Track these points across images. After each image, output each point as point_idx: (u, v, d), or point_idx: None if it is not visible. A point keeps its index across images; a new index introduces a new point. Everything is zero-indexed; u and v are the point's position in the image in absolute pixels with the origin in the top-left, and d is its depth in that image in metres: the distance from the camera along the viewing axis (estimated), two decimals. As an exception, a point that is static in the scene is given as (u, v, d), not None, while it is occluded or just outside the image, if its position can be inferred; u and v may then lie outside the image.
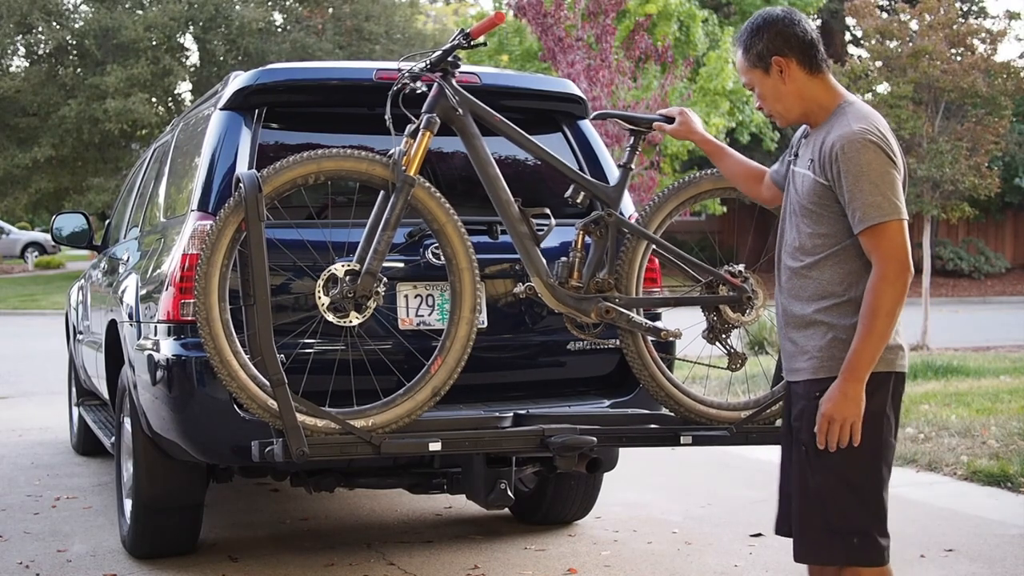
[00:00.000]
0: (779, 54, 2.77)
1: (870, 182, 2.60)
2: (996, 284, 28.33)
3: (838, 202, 2.67)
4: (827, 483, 2.71)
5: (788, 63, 2.76)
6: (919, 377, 9.80)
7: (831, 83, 2.80)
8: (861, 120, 2.67)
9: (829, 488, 2.71)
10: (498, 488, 3.73)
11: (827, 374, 2.69)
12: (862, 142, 2.61)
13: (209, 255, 3.17)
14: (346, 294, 3.25)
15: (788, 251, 2.81)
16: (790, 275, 2.80)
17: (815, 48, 2.78)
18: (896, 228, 2.60)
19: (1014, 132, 24.09)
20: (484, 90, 3.90)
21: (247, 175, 3.20)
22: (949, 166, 13.63)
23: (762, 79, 2.81)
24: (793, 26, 2.78)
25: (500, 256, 3.95)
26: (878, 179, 2.60)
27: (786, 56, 2.76)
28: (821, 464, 2.71)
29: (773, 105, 2.83)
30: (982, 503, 5.37)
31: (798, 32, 2.77)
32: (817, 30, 2.83)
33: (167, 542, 4.43)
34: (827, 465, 2.70)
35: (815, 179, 2.70)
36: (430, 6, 36.75)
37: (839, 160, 2.63)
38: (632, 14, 17.54)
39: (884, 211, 2.59)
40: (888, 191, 2.60)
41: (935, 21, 14.02)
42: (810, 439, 2.71)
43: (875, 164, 2.61)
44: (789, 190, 2.84)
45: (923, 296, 14.69)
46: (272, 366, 3.14)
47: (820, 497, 2.72)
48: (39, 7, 26.65)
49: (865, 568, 2.75)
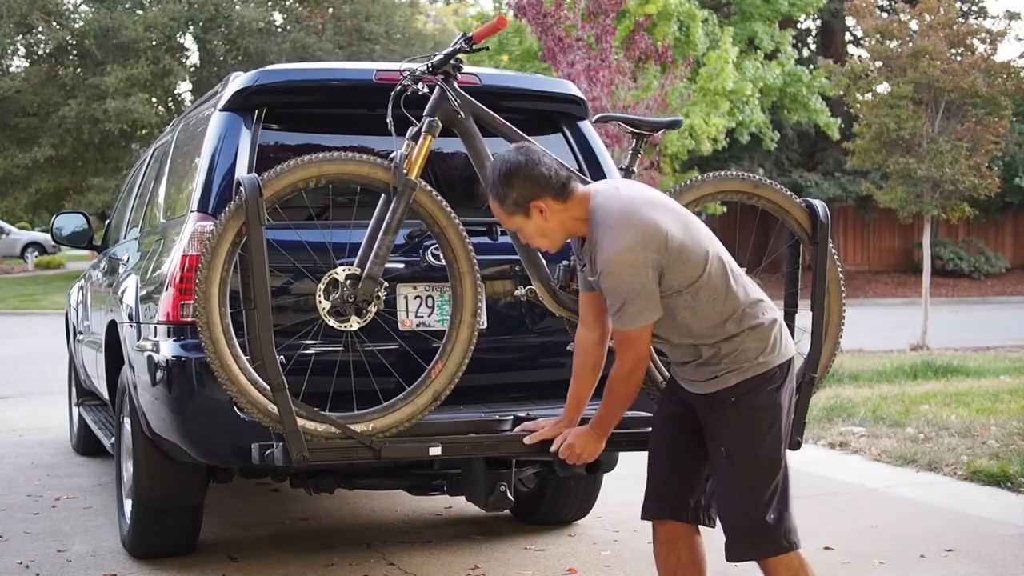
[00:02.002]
0: (534, 198, 2.95)
1: (621, 297, 2.87)
2: (996, 284, 28.34)
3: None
4: (746, 479, 2.95)
5: (545, 203, 2.95)
6: (919, 377, 9.81)
7: (580, 192, 2.99)
8: (611, 240, 2.85)
9: (748, 484, 2.95)
10: (498, 490, 3.73)
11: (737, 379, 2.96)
12: (610, 272, 2.86)
13: (210, 259, 3.16)
14: (347, 299, 3.25)
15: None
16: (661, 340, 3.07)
17: (559, 178, 2.96)
18: (641, 333, 2.93)
19: (1014, 132, 24.08)
20: (484, 91, 3.90)
21: (248, 179, 3.19)
22: (949, 166, 13.63)
23: (524, 222, 3.00)
24: (537, 167, 2.94)
25: (500, 257, 3.95)
26: (628, 296, 2.87)
27: (540, 198, 2.94)
28: (739, 461, 2.94)
29: (540, 241, 3.05)
30: (982, 503, 5.37)
31: (543, 171, 2.94)
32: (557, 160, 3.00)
33: (167, 542, 4.43)
34: (744, 462, 2.94)
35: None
36: (430, 6, 36.74)
37: (603, 279, 2.89)
38: (632, 14, 17.53)
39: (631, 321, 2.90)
40: (632, 308, 2.88)
41: (935, 21, 14.03)
42: (727, 441, 2.95)
43: (624, 284, 2.86)
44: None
45: (923, 296, 14.70)
46: (272, 370, 3.14)
47: (743, 495, 2.93)
48: (39, 7, 26.63)
49: (788, 554, 2.98)
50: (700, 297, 2.92)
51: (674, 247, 2.87)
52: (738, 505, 2.96)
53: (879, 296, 26.39)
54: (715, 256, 2.95)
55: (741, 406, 2.96)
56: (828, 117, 23.89)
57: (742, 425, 2.96)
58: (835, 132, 23.89)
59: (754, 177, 3.64)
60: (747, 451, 2.95)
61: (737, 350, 2.94)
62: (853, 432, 7.04)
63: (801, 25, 30.02)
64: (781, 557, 2.97)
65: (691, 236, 2.92)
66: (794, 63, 24.02)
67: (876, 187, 15.31)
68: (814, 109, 23.84)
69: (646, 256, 2.84)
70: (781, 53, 23.94)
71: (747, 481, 2.95)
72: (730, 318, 2.94)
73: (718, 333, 2.95)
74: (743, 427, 2.96)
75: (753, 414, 2.95)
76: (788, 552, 2.97)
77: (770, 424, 2.97)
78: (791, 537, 2.98)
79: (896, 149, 14.13)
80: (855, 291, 25.79)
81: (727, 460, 2.96)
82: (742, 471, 2.94)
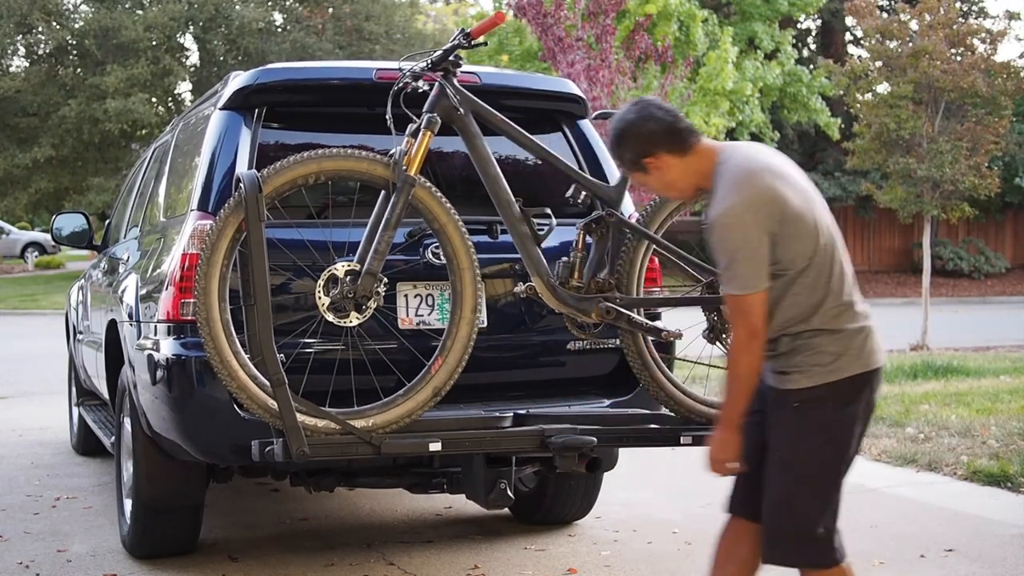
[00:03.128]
0: (647, 156, 2.88)
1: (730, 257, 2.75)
2: (996, 284, 28.34)
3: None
4: (798, 489, 2.83)
5: (658, 159, 2.88)
6: (919, 377, 9.80)
7: (704, 147, 2.90)
8: (726, 195, 2.76)
9: (800, 494, 2.84)
10: (498, 488, 3.73)
11: (808, 383, 2.83)
12: (720, 226, 2.75)
13: (209, 255, 3.17)
14: (346, 294, 3.25)
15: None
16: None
17: (675, 130, 2.87)
18: (752, 300, 2.76)
19: (1014, 132, 24.09)
20: (484, 90, 3.89)
21: (247, 175, 3.19)
22: (949, 166, 13.63)
23: (645, 178, 2.94)
24: (647, 122, 2.86)
25: (500, 256, 3.95)
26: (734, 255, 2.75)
27: (654, 154, 2.87)
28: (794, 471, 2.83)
29: (669, 192, 2.99)
30: (982, 503, 5.37)
31: (652, 127, 2.86)
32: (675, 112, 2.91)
33: (167, 542, 4.43)
34: (798, 472, 2.83)
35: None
36: (430, 6, 36.75)
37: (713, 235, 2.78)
38: (632, 14, 17.55)
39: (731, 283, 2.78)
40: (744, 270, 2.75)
41: (935, 21, 14.02)
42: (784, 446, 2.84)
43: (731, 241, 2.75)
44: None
45: (923, 296, 14.69)
46: (272, 366, 3.14)
47: (791, 502, 2.84)
48: (39, 7, 26.64)
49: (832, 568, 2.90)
50: (799, 283, 2.80)
51: (790, 219, 2.75)
52: (784, 510, 2.85)
53: (879, 296, 26.38)
54: (828, 243, 2.81)
55: (805, 415, 2.82)
56: (828, 117, 23.90)
57: (804, 435, 2.83)
58: (835, 132, 23.90)
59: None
60: (803, 462, 2.83)
61: (814, 350, 2.81)
62: (853, 432, 7.03)
63: (801, 25, 30.04)
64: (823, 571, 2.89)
65: (810, 215, 2.78)
66: (794, 63, 24.04)
67: (876, 187, 15.30)
68: (814, 109, 23.85)
69: (758, 218, 2.72)
70: (781, 53, 23.95)
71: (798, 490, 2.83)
72: (817, 312, 2.81)
73: (801, 327, 2.81)
74: (804, 438, 2.83)
75: (816, 427, 2.82)
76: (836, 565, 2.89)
77: (833, 439, 2.84)
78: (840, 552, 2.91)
79: (896, 149, 14.12)
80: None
81: (781, 464, 2.84)
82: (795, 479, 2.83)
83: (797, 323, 2.82)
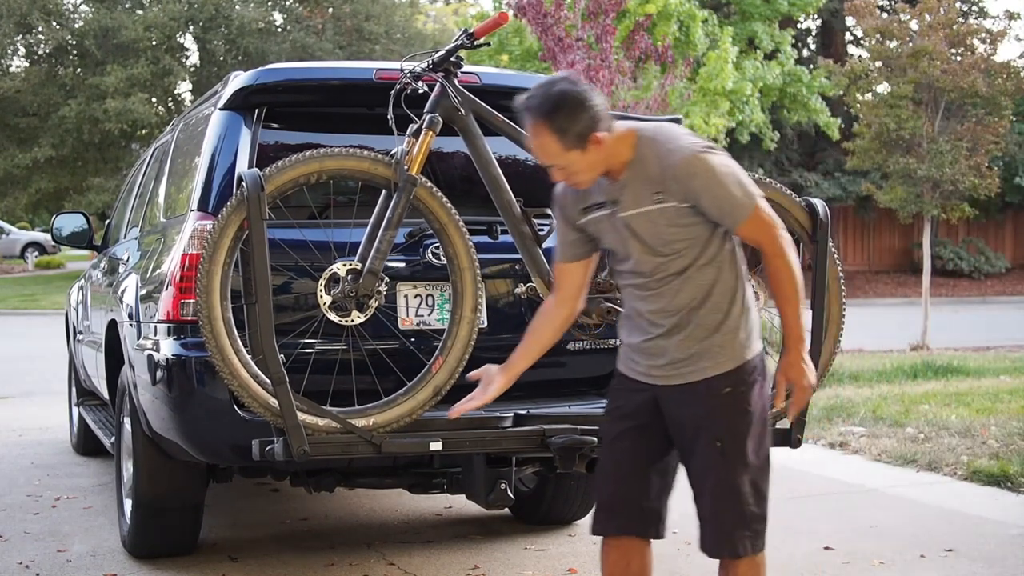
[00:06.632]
0: (596, 130, 2.73)
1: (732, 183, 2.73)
2: (996, 284, 28.35)
3: (701, 214, 2.75)
4: (742, 477, 2.82)
5: (600, 136, 2.75)
6: (919, 377, 9.81)
7: (618, 126, 2.81)
8: (680, 137, 2.76)
9: (744, 481, 2.82)
10: (498, 488, 3.73)
11: (732, 365, 2.81)
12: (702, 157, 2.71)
13: (211, 253, 3.17)
14: (348, 293, 3.26)
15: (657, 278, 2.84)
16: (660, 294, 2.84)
17: (607, 105, 2.80)
18: (763, 209, 2.76)
19: (1014, 132, 24.11)
20: (484, 90, 3.89)
21: (249, 174, 3.19)
22: (949, 166, 13.64)
23: (580, 157, 2.75)
24: (595, 95, 2.75)
25: (500, 256, 3.95)
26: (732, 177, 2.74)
27: (600, 129, 2.74)
28: (737, 459, 2.81)
29: (584, 176, 2.80)
30: (982, 503, 5.37)
31: (599, 100, 2.75)
32: None
33: (167, 542, 4.43)
34: (743, 459, 2.82)
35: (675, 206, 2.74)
36: (430, 6, 36.76)
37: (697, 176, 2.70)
38: (632, 14, 17.53)
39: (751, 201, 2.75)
40: (747, 182, 2.76)
41: (935, 21, 14.03)
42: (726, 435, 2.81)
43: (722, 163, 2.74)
44: (623, 234, 2.83)
45: (923, 296, 14.69)
46: (273, 364, 3.14)
47: (737, 491, 2.82)
48: (39, 7, 26.64)
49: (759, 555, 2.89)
50: (728, 251, 2.80)
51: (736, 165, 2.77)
52: (738, 498, 2.82)
53: (879, 296, 26.39)
54: None
55: (737, 396, 2.81)
56: (828, 117, 23.89)
57: (739, 417, 2.81)
58: (835, 132, 23.89)
59: (754, 176, 3.64)
60: (744, 443, 2.81)
61: (737, 327, 2.80)
62: (853, 432, 7.04)
63: (801, 25, 30.03)
64: (758, 555, 2.88)
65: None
66: (794, 63, 24.02)
67: (876, 187, 15.32)
68: (814, 109, 23.84)
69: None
70: (781, 53, 23.94)
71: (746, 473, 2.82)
72: (739, 288, 2.82)
73: (730, 302, 2.80)
74: (740, 418, 2.81)
75: (750, 405, 2.82)
76: (762, 551, 2.89)
77: (763, 415, 2.86)
78: (765, 536, 2.89)
79: (896, 149, 14.13)
80: (855, 291, 25.78)
81: (721, 454, 2.81)
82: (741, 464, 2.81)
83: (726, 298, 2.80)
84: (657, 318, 2.84)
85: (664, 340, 2.84)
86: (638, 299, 2.88)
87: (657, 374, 2.87)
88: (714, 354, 2.80)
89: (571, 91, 2.72)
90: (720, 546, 2.87)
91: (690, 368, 2.82)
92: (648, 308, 2.86)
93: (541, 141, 2.75)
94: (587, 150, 2.73)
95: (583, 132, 2.71)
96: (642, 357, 2.90)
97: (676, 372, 2.84)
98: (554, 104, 2.71)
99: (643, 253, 2.81)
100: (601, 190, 2.85)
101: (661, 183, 2.74)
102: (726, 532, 2.84)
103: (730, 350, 2.81)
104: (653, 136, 2.78)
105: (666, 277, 2.80)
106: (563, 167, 2.78)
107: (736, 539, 2.84)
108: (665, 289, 2.81)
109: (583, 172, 2.78)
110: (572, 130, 2.71)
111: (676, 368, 2.84)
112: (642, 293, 2.86)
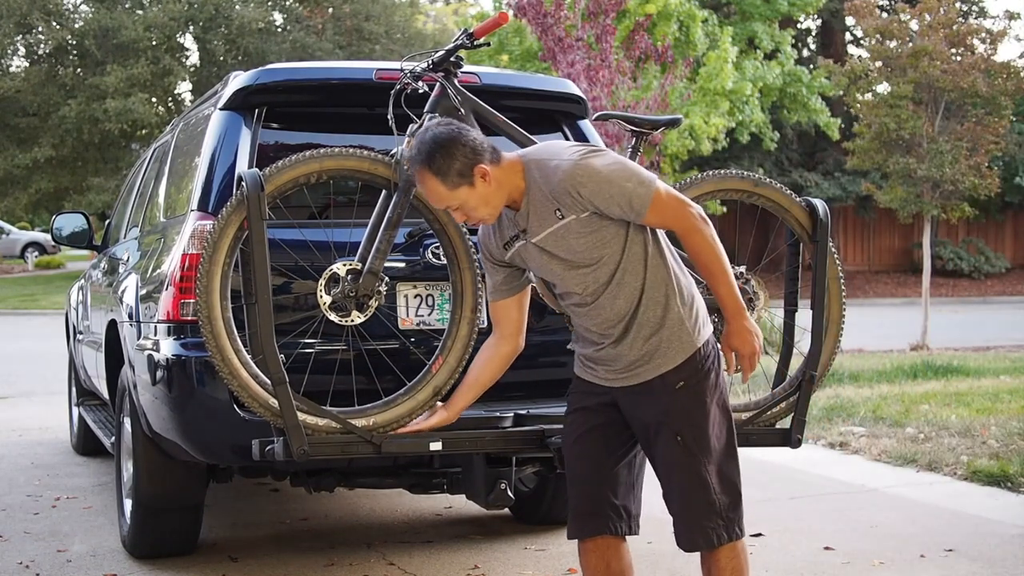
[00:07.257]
0: (476, 163, 2.80)
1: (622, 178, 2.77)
2: (996, 284, 28.35)
3: (607, 217, 2.80)
4: (707, 468, 2.85)
5: (486, 168, 2.81)
6: (919, 377, 9.81)
7: (505, 157, 2.88)
8: (567, 148, 2.83)
9: (710, 472, 2.85)
10: (498, 488, 3.73)
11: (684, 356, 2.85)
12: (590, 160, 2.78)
13: (211, 253, 3.17)
14: (348, 293, 3.26)
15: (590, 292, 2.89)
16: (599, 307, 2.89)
17: (487, 141, 2.86)
18: (663, 192, 2.79)
19: (1014, 132, 24.11)
20: (484, 90, 3.90)
21: (249, 174, 3.19)
22: (949, 166, 13.64)
23: (470, 193, 2.82)
24: (468, 132, 2.83)
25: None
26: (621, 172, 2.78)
27: (481, 162, 2.81)
28: (699, 451, 2.85)
29: (483, 211, 2.87)
30: (982, 503, 5.37)
31: (474, 135, 2.84)
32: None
33: (167, 542, 4.43)
34: (706, 451, 2.85)
35: (576, 218, 2.80)
36: (430, 6, 36.77)
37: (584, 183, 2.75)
38: (632, 14, 17.53)
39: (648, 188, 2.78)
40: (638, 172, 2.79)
41: (935, 21, 14.03)
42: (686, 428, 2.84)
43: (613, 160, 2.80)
44: (542, 259, 2.90)
45: (923, 296, 14.70)
46: (273, 364, 3.14)
47: (703, 482, 2.85)
48: (39, 7, 26.64)
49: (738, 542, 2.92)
50: (652, 244, 2.85)
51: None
52: (705, 489, 2.84)
53: (879, 296, 26.39)
54: None
55: (692, 389, 2.85)
56: (828, 117, 23.90)
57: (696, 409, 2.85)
58: (835, 132, 23.90)
59: (754, 176, 3.65)
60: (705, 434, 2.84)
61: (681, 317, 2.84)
62: (853, 432, 7.04)
63: (801, 25, 30.03)
64: (737, 542, 2.90)
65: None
66: (794, 63, 24.03)
67: (876, 187, 15.32)
68: (814, 109, 23.85)
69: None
70: (781, 53, 23.95)
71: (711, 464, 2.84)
72: (672, 278, 2.86)
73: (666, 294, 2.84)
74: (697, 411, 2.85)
75: (706, 395, 2.85)
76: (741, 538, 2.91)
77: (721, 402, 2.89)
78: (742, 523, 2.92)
79: (896, 149, 14.13)
80: (855, 291, 25.79)
81: (683, 448, 2.83)
82: (704, 455, 2.83)
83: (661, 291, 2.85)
84: (603, 329, 2.91)
85: (614, 348, 2.91)
86: (582, 316, 2.96)
87: (613, 377, 2.94)
88: (664, 349, 2.86)
89: (442, 133, 2.82)
90: (694, 539, 2.91)
91: (644, 367, 2.88)
92: (592, 323, 2.93)
93: (428, 187, 2.85)
94: (475, 185, 2.82)
95: (463, 169, 2.79)
96: (598, 364, 2.98)
97: (632, 373, 2.90)
98: (428, 149, 2.80)
99: (567, 270, 2.89)
100: (511, 223, 2.93)
101: (556, 200, 2.81)
102: (698, 524, 2.89)
103: (678, 342, 2.85)
104: (537, 158, 2.87)
105: (598, 289, 2.87)
106: (458, 206, 2.86)
107: (709, 530, 2.88)
108: (602, 301, 2.88)
109: (480, 207, 2.86)
110: (452, 168, 2.79)
111: (632, 369, 2.90)
112: (583, 310, 2.94)
